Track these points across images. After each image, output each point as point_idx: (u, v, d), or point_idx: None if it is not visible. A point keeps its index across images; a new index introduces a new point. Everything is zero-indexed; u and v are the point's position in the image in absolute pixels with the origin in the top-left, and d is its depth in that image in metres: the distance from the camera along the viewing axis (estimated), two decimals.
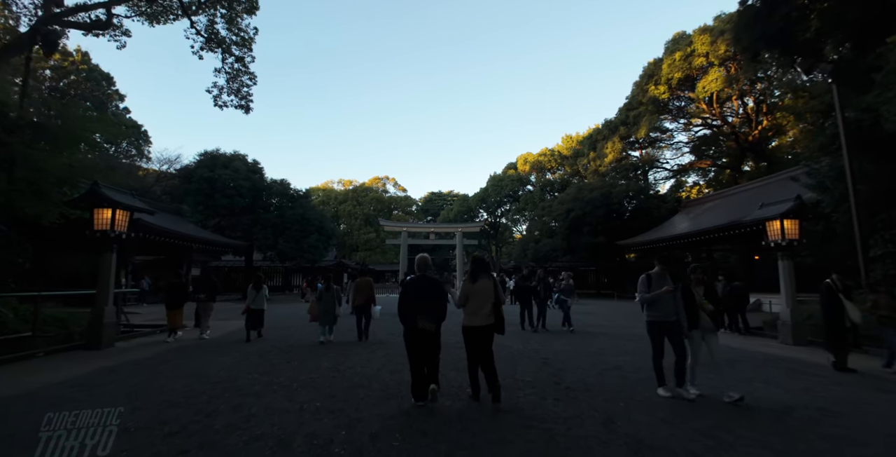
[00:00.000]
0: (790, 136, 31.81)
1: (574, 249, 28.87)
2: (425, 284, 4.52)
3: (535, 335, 9.99)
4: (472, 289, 4.61)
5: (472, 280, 4.65)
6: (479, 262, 4.87)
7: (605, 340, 9.22)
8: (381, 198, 54.90)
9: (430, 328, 4.34)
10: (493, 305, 4.60)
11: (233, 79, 18.03)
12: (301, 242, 26.22)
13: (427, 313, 4.32)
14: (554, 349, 7.99)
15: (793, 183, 21.71)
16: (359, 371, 6.16)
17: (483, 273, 4.68)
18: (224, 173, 25.53)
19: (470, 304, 4.60)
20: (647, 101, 29.32)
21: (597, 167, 33.38)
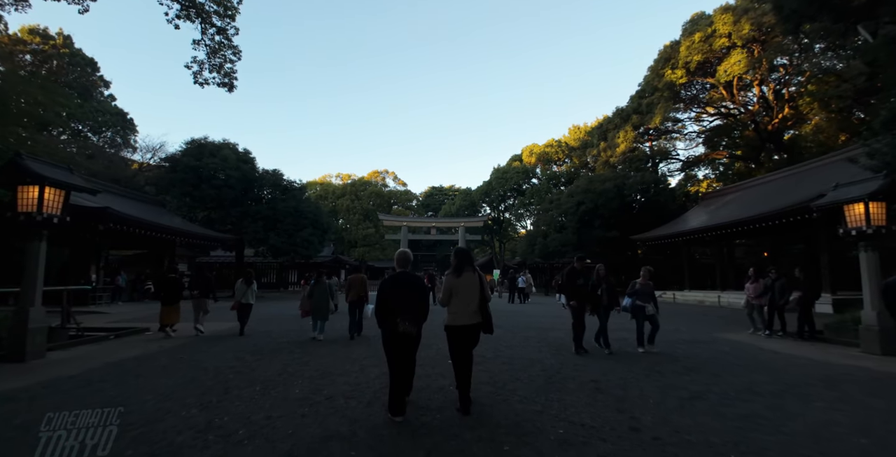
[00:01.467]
0: (812, 124, 30.12)
1: (585, 244, 27.17)
2: (405, 282, 4.06)
3: (566, 349, 8.21)
4: (456, 284, 4.13)
5: (456, 274, 4.17)
6: (462, 254, 4.38)
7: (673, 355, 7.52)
8: (381, 192, 53.13)
9: (411, 331, 3.87)
10: (479, 302, 4.13)
11: (214, 53, 16.14)
12: (294, 236, 24.51)
13: (407, 315, 3.84)
14: (603, 368, 6.28)
15: (818, 175, 20.11)
16: (327, 375, 4.48)
17: (468, 266, 4.22)
18: (211, 162, 23.79)
19: (454, 301, 4.11)
20: (663, 86, 27.53)
21: (608, 158, 31.61)
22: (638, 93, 32.47)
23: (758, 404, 4.32)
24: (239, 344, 8.12)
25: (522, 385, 4.93)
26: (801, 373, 5.79)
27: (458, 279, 4.13)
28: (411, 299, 3.96)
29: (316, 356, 6.74)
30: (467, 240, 40.17)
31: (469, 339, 4.14)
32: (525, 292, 19.75)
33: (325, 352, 7.14)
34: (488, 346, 7.55)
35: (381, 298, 3.98)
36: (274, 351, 7.27)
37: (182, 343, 8.27)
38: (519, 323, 11.02)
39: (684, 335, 9.46)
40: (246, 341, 8.43)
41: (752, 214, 16.67)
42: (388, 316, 3.89)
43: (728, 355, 7.10)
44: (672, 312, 14.87)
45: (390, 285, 4.03)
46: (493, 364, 6.08)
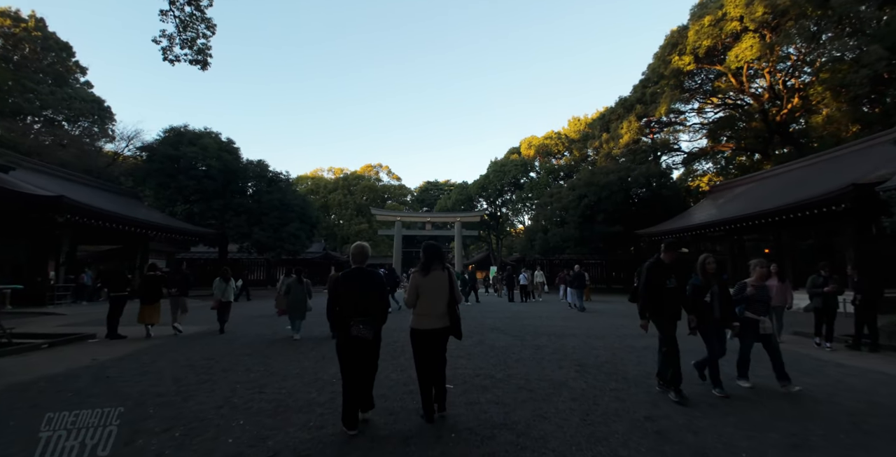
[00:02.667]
0: (823, 115, 28.94)
1: (587, 239, 25.87)
2: (359, 280, 3.54)
3: (592, 365, 6.73)
4: (423, 283, 3.69)
5: (423, 272, 3.72)
6: (431, 249, 3.87)
7: None
8: (374, 186, 51.56)
9: (367, 336, 3.37)
10: (448, 304, 3.72)
11: (185, 27, 14.63)
12: (280, 230, 23.02)
13: (362, 317, 3.36)
14: (651, 395, 4.89)
15: (837, 165, 18.94)
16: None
17: (437, 263, 3.77)
18: (190, 151, 22.21)
19: (421, 302, 3.69)
20: (670, 73, 26.19)
21: (610, 150, 30.26)
22: (642, 82, 31.12)
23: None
24: (196, 352, 6.76)
25: (553, 428, 3.52)
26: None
27: (425, 278, 3.68)
28: (367, 299, 3.47)
29: (278, 376, 5.31)
30: (463, 235, 38.73)
31: (436, 344, 3.72)
32: (527, 291, 18.39)
33: (292, 368, 5.72)
34: (496, 360, 6.16)
35: (332, 297, 3.58)
36: (230, 366, 5.84)
37: (128, 353, 6.89)
38: (526, 328, 9.64)
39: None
40: (206, 349, 7.05)
41: (780, 204, 15.36)
42: (340, 318, 3.45)
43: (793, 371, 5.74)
44: None
45: (342, 283, 3.52)
46: (506, 389, 4.68)
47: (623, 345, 7.58)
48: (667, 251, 4.70)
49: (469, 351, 6.78)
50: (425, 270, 3.72)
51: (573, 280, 14.93)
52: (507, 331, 9.04)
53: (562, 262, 35.61)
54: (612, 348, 7.23)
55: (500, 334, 8.53)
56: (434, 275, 3.70)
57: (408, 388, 4.66)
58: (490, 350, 6.83)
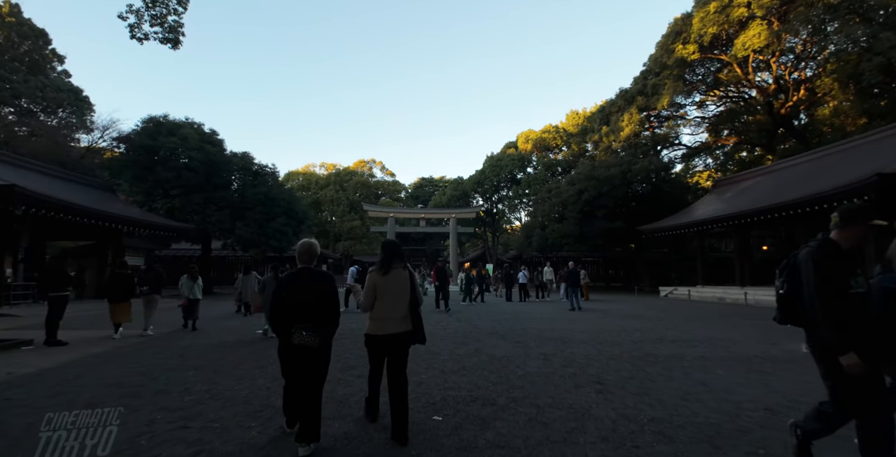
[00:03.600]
0: (830, 107, 28.08)
1: (587, 235, 24.87)
2: (306, 282, 3.07)
3: (615, 383, 5.61)
4: (381, 283, 3.29)
5: (382, 271, 3.31)
6: (390, 246, 3.48)
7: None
8: (367, 182, 50.22)
9: (312, 344, 2.92)
10: (409, 306, 3.33)
11: (154, 2, 13.51)
12: (264, 226, 21.81)
13: (308, 323, 2.94)
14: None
15: (846, 159, 18.06)
16: None
17: (397, 261, 3.37)
18: (168, 142, 20.93)
19: (379, 304, 3.29)
20: (673, 63, 25.16)
21: (610, 143, 29.25)
22: (643, 73, 30.16)
23: None
24: (137, 365, 5.64)
25: None
26: None
27: (384, 277, 3.33)
28: (314, 302, 3.04)
29: (219, 400, 4.17)
30: (458, 232, 37.67)
31: (397, 351, 3.33)
32: (525, 289, 17.34)
33: (242, 389, 4.59)
34: (497, 375, 5.05)
35: (276, 300, 3.10)
36: (167, 385, 4.69)
37: (57, 364, 5.80)
38: (528, 331, 8.55)
39: (768, 349, 7.02)
40: (152, 360, 5.94)
41: (798, 196, 14.38)
42: (283, 323, 3.02)
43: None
44: (705, 313, 12.54)
45: (287, 284, 3.10)
46: (513, 422, 3.55)
47: (642, 353, 6.51)
48: (848, 226, 2.50)
49: (463, 362, 5.68)
50: (384, 268, 3.31)
51: (568, 278, 13.93)
52: (508, 336, 7.95)
53: (559, 259, 34.68)
54: (630, 358, 6.15)
55: (500, 340, 7.43)
56: (394, 274, 3.32)
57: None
58: (489, 362, 5.72)
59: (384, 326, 3.27)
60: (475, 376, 4.99)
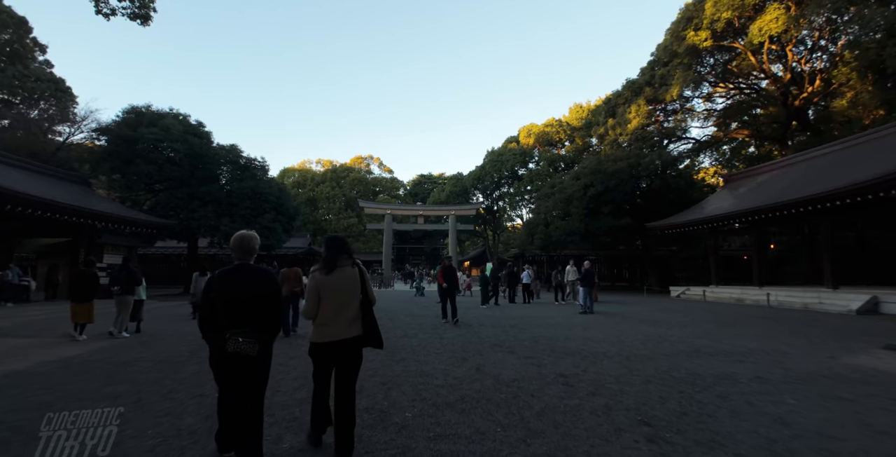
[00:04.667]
0: (847, 98, 26.80)
1: (592, 233, 23.63)
2: (242, 281, 2.65)
3: (661, 419, 4.45)
4: (325, 284, 2.89)
5: (325, 270, 2.91)
6: (335, 242, 3.06)
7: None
8: (364, 179, 48.98)
9: (250, 352, 2.51)
10: (359, 307, 2.97)
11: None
12: (252, 222, 20.55)
13: (243, 329, 2.52)
14: None
15: (869, 151, 16.85)
16: None
17: (343, 258, 2.98)
18: (149, 133, 19.64)
19: (324, 307, 2.88)
20: (684, 51, 23.88)
21: (616, 136, 27.94)
22: (650, 63, 28.82)
23: None
24: (43, 388, 4.32)
25: None
26: None
27: (328, 277, 2.88)
28: (250, 305, 2.58)
29: (115, 450, 2.92)
30: (458, 230, 36.40)
31: (346, 360, 2.89)
32: (531, 290, 16.10)
33: (155, 432, 3.32)
34: (505, 413, 3.77)
35: (205, 301, 2.63)
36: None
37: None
38: (539, 342, 7.29)
39: (828, 364, 5.76)
40: (67, 380, 4.63)
41: (831, 188, 13.10)
42: (214, 329, 2.55)
43: None
44: (730, 317, 11.26)
45: (219, 284, 2.62)
46: None
47: (683, 372, 5.27)
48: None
49: (462, 390, 4.41)
50: (328, 267, 2.92)
51: (583, 278, 12.70)
52: (515, 348, 6.69)
53: (561, 258, 33.43)
54: (671, 381, 4.90)
55: (506, 355, 6.17)
56: (340, 272, 2.92)
57: None
58: (494, 389, 4.46)
59: (330, 333, 2.87)
60: (478, 413, 3.72)
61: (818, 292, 14.79)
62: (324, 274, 2.90)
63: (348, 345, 2.88)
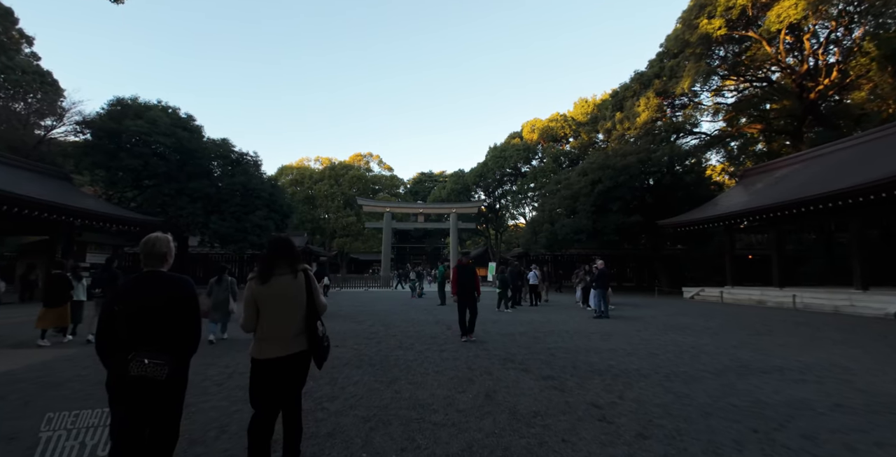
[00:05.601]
0: (866, 90, 25.69)
1: (600, 231, 22.53)
2: (152, 290, 2.23)
3: None
4: (263, 295, 2.52)
5: (261, 279, 2.53)
6: (278, 244, 2.65)
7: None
8: (363, 177, 47.86)
9: (157, 376, 2.09)
10: (305, 319, 2.59)
11: None
12: (242, 219, 19.53)
13: (152, 346, 2.12)
14: None
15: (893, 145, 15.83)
16: None
17: (283, 263, 2.59)
18: (134, 126, 18.61)
19: (264, 321, 2.53)
20: (697, 40, 22.78)
21: (624, 131, 26.85)
22: (659, 55, 27.74)
23: None
24: None
25: None
26: None
27: (265, 287, 2.50)
28: (161, 319, 2.18)
29: None
30: (459, 228, 35.30)
31: (288, 378, 2.54)
32: (537, 291, 15.02)
33: None
34: None
35: (106, 316, 2.18)
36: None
37: None
38: (556, 356, 6.23)
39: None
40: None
41: (869, 180, 11.98)
42: (114, 347, 2.13)
43: None
44: (760, 322, 10.14)
45: (123, 295, 2.21)
46: None
47: (747, 400, 4.21)
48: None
49: (469, 433, 3.32)
50: (265, 275, 2.51)
51: (597, 279, 11.62)
52: (530, 365, 5.62)
53: (565, 258, 32.31)
54: (737, 413, 3.84)
55: (520, 374, 5.10)
56: (279, 282, 2.53)
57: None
58: (511, 430, 3.38)
59: (271, 348, 2.51)
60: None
61: (848, 294, 13.71)
62: (259, 283, 2.51)
63: (291, 362, 2.54)
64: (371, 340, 7.35)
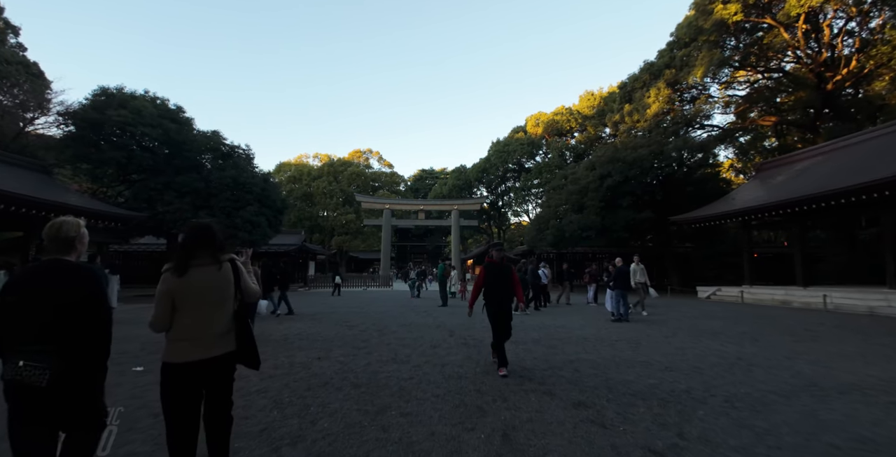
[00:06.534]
0: (887, 80, 24.57)
1: (610, 227, 21.48)
2: (48, 281, 1.93)
3: None
4: (179, 289, 2.17)
5: (177, 270, 2.17)
6: (197, 231, 2.33)
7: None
8: (363, 173, 46.76)
9: (36, 381, 1.79)
10: (231, 316, 2.29)
11: None
12: (232, 215, 18.51)
13: (36, 347, 1.83)
14: None
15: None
16: None
17: (204, 253, 2.27)
18: (117, 115, 17.57)
19: (180, 319, 2.18)
20: (711, 26, 21.66)
21: (633, 123, 25.74)
22: (669, 45, 26.58)
23: None
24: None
25: None
26: None
27: (183, 279, 2.15)
28: (53, 315, 1.86)
29: None
30: (461, 226, 34.28)
31: (214, 385, 2.22)
32: (546, 292, 13.95)
33: None
34: None
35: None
36: None
37: None
38: (582, 371, 5.19)
39: None
40: None
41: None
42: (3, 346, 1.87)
43: None
44: (796, 325, 9.04)
45: (15, 286, 1.91)
46: None
47: (851, 439, 3.18)
48: None
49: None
50: (181, 267, 2.16)
51: (616, 278, 10.57)
52: (553, 385, 4.54)
53: (571, 256, 31.24)
54: (842, 455, 2.79)
55: (544, 400, 4.02)
56: (203, 273, 2.20)
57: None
58: None
59: (192, 350, 2.15)
60: None
61: (884, 294, 12.63)
62: (176, 276, 2.15)
63: (217, 365, 2.19)
64: (361, 349, 6.31)
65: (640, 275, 11.74)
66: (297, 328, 8.57)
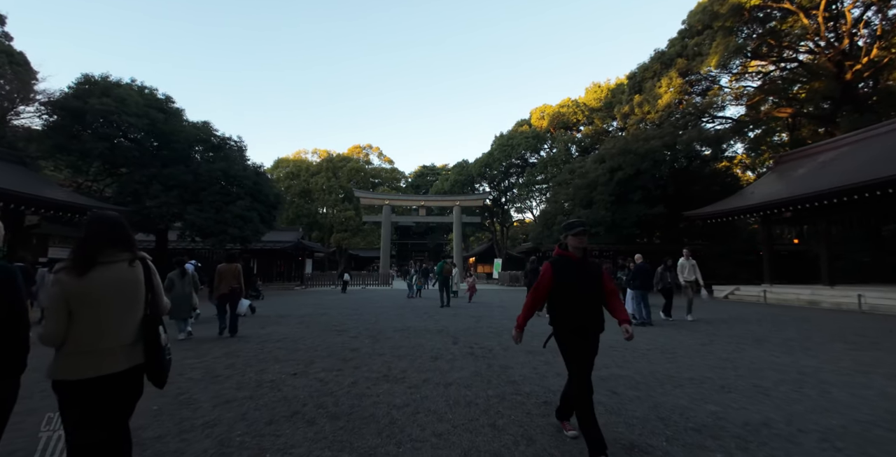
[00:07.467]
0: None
1: (620, 223, 20.45)
2: None
3: None
4: (80, 292, 1.79)
5: (77, 269, 1.80)
6: (102, 223, 1.93)
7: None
8: (362, 169, 45.68)
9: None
10: (140, 325, 1.95)
11: None
12: (222, 210, 17.51)
13: None
14: None
15: None
16: None
17: (111, 249, 1.90)
18: (100, 104, 16.57)
19: (80, 328, 1.81)
20: (727, 11, 20.56)
21: (644, 115, 24.65)
22: (680, 33, 25.47)
23: None
24: None
25: None
26: None
27: (82, 281, 1.79)
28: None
29: None
30: (464, 223, 33.26)
31: (119, 403, 1.90)
32: None
33: None
34: None
35: None
36: None
37: None
38: (619, 391, 4.26)
39: None
40: None
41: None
42: None
43: None
44: (841, 329, 8.00)
45: None
46: None
47: None
48: None
49: None
50: (84, 264, 1.80)
51: (635, 277, 9.55)
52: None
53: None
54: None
55: (579, 447, 3.04)
56: (107, 273, 1.84)
57: None
58: None
59: (92, 364, 1.79)
60: None
61: None
62: (74, 276, 1.78)
63: (123, 381, 1.86)
64: (348, 362, 5.30)
65: (690, 272, 10.23)
66: (280, 333, 7.58)
